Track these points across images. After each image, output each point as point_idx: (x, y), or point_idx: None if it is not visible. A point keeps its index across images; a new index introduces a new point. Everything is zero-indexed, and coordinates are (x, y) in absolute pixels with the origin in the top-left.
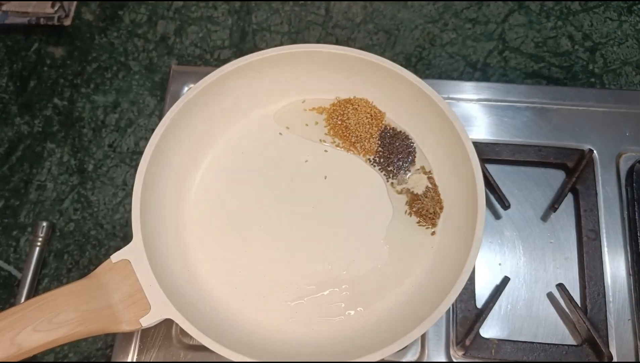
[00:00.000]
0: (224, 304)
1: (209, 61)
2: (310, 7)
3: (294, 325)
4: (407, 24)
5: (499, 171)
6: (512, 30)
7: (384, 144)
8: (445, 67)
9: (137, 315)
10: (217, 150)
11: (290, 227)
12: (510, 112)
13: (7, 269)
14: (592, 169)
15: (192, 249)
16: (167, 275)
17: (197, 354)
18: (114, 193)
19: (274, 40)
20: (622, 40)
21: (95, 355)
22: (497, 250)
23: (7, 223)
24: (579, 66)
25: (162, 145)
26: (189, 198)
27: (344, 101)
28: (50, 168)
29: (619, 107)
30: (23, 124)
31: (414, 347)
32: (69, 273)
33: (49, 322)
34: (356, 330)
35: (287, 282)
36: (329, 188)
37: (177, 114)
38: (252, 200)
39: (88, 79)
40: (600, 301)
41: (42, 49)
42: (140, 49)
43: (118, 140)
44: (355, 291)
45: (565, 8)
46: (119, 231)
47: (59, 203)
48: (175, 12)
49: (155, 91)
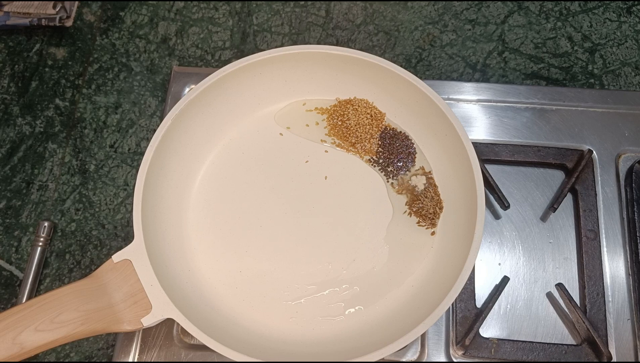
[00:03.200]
0: (225, 304)
1: (210, 62)
2: (310, 8)
3: (294, 324)
4: (407, 25)
5: (498, 172)
6: (511, 31)
7: (384, 144)
8: (445, 68)
9: (139, 315)
10: (218, 151)
11: (291, 227)
12: (509, 113)
13: (9, 269)
14: (592, 170)
15: (193, 249)
16: (168, 275)
17: (198, 353)
18: (116, 193)
19: (274, 42)
20: (621, 41)
21: (97, 354)
22: (496, 249)
23: (9, 223)
24: (578, 66)
25: (163, 146)
26: (190, 198)
27: (344, 102)
28: (52, 168)
29: (618, 107)
30: (25, 124)
31: (414, 347)
32: (71, 273)
33: (50, 322)
34: (356, 330)
35: (288, 282)
36: (329, 188)
37: (178, 115)
38: (253, 200)
39: (89, 79)
40: (599, 301)
41: (44, 49)
42: (142, 50)
43: (119, 141)
44: (355, 291)
45: (565, 9)
46: (121, 231)
47: (61, 203)
48: (176, 13)
49: (157, 91)
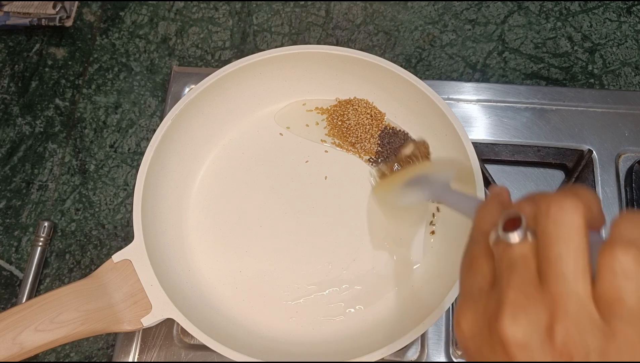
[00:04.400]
0: (225, 304)
1: (210, 62)
2: (310, 8)
3: (294, 324)
4: (407, 25)
5: (498, 172)
6: (511, 31)
7: (384, 144)
8: (445, 68)
9: (139, 315)
10: (218, 151)
11: (291, 227)
12: (509, 113)
13: (9, 269)
14: (592, 170)
15: (193, 249)
16: (168, 275)
17: (197, 353)
18: (116, 193)
19: (274, 42)
20: (621, 41)
21: (97, 354)
22: None
23: (9, 223)
24: (578, 66)
25: (163, 146)
26: (190, 198)
27: (344, 102)
28: (52, 168)
29: (618, 107)
30: (25, 124)
31: (414, 347)
32: (71, 273)
33: (50, 322)
34: (356, 330)
35: (288, 282)
36: (329, 188)
37: (178, 115)
38: (253, 200)
39: (89, 79)
40: None
41: (44, 49)
42: (142, 50)
43: (119, 141)
44: (355, 291)
45: (565, 9)
46: (121, 231)
47: (61, 203)
48: (176, 13)
49: (157, 91)
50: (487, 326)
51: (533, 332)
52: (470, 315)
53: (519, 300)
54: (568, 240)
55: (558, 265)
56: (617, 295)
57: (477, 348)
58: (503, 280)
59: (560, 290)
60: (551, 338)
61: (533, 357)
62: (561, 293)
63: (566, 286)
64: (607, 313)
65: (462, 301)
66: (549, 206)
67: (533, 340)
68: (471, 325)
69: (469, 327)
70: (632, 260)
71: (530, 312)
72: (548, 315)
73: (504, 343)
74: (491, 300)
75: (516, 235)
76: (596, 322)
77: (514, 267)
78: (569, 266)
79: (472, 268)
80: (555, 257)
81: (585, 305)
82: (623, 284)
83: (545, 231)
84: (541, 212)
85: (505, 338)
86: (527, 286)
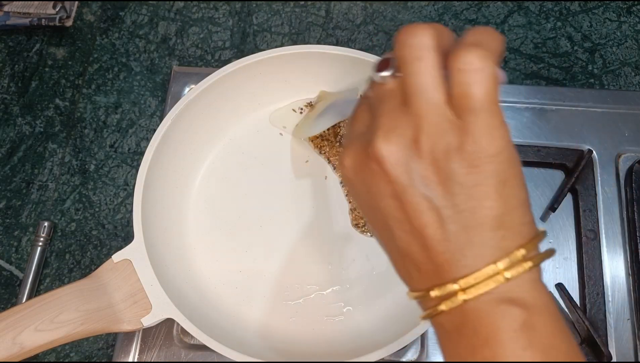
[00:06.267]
0: (225, 304)
1: (210, 61)
2: (310, 8)
3: (294, 324)
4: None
5: None
6: (511, 31)
7: None
8: None
9: (139, 315)
10: (218, 150)
11: (291, 227)
12: (509, 113)
13: (9, 269)
14: (592, 170)
15: (193, 249)
16: (168, 275)
17: (198, 353)
18: (116, 193)
19: (274, 42)
20: (621, 41)
21: (97, 354)
22: None
23: (9, 223)
24: (578, 66)
25: (163, 146)
26: (190, 198)
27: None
28: (52, 168)
29: (618, 107)
30: (25, 124)
31: (414, 347)
32: (71, 272)
33: (50, 322)
34: (356, 330)
35: (288, 282)
36: (329, 188)
37: (178, 114)
38: (253, 200)
39: (89, 79)
40: (599, 301)
41: (44, 49)
42: (142, 49)
43: (119, 140)
44: (356, 290)
45: (565, 9)
46: (121, 231)
47: (61, 203)
48: (176, 13)
49: (157, 91)
50: (365, 155)
51: (403, 146)
52: (351, 153)
53: (389, 123)
54: (420, 58)
55: (415, 81)
56: (466, 91)
57: (359, 178)
58: (376, 112)
59: (420, 104)
60: (418, 148)
61: (406, 169)
62: (421, 107)
63: (424, 99)
64: (460, 112)
65: (345, 145)
66: (401, 35)
67: (403, 153)
68: (352, 160)
69: (351, 162)
70: (476, 57)
71: (398, 130)
72: (413, 129)
73: (380, 163)
74: (367, 135)
75: (385, 72)
76: (453, 122)
77: (382, 99)
78: (423, 79)
79: (353, 119)
80: (412, 75)
81: (443, 110)
82: (469, 79)
83: (401, 57)
84: (398, 43)
85: (380, 157)
86: (394, 112)
